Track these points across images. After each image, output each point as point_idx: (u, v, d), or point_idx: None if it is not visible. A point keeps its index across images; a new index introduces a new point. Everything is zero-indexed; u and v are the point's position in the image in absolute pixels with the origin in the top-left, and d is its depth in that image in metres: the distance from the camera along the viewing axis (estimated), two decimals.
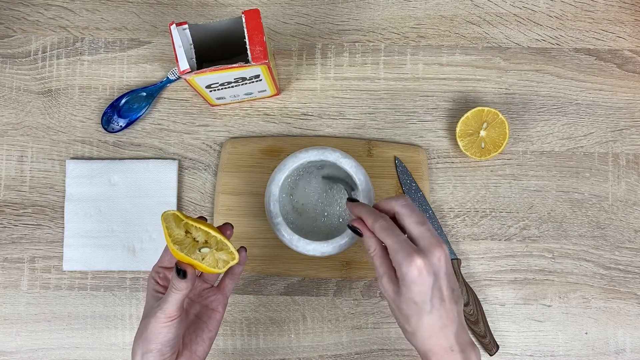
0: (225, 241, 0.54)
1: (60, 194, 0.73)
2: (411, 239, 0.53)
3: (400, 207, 0.54)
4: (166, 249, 0.57)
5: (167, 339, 0.52)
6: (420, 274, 0.50)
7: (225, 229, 0.58)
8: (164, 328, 0.52)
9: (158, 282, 0.56)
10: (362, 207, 0.56)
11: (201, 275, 0.59)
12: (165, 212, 0.53)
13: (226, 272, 0.60)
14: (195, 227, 0.54)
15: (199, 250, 0.53)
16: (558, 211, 0.72)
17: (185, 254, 0.52)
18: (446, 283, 0.52)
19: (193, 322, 0.58)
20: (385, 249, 0.54)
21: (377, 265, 0.54)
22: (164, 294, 0.55)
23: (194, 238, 0.54)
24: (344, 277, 0.71)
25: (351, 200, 0.59)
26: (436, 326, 0.52)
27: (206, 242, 0.54)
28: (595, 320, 0.71)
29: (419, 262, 0.50)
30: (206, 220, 0.57)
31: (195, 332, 0.57)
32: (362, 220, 0.55)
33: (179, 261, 0.52)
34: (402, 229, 0.54)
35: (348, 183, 0.64)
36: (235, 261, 0.54)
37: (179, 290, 0.51)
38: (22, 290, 0.72)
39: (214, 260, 0.54)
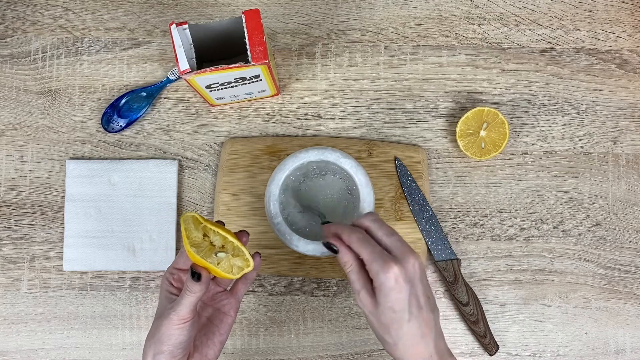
0: (242, 247, 0.54)
1: (60, 194, 0.73)
2: (385, 250, 0.53)
3: (369, 222, 0.55)
4: (182, 251, 0.57)
5: (179, 341, 0.53)
6: (397, 282, 0.51)
7: (241, 235, 0.58)
8: (176, 330, 0.52)
9: (172, 284, 0.56)
10: (337, 225, 0.56)
11: (215, 279, 0.60)
12: (185, 213, 0.53)
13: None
14: (214, 231, 0.54)
15: (215, 255, 0.53)
16: (558, 211, 0.72)
17: (201, 257, 0.52)
18: (422, 290, 0.53)
19: (205, 325, 0.58)
20: (361, 264, 0.54)
21: (353, 280, 0.54)
22: (177, 295, 0.55)
23: (211, 242, 0.54)
24: (344, 277, 0.71)
25: (325, 222, 0.59)
26: (416, 335, 0.52)
27: (223, 246, 0.54)
28: (595, 320, 0.71)
29: (395, 269, 0.51)
30: (224, 224, 0.57)
31: (206, 335, 0.57)
32: (337, 238, 0.55)
33: (194, 264, 0.52)
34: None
35: (321, 212, 0.65)
36: (250, 268, 0.54)
37: (192, 293, 0.52)
38: (22, 290, 0.72)
39: (229, 266, 0.54)
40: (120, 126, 0.73)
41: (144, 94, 0.73)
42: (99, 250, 0.71)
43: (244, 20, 0.59)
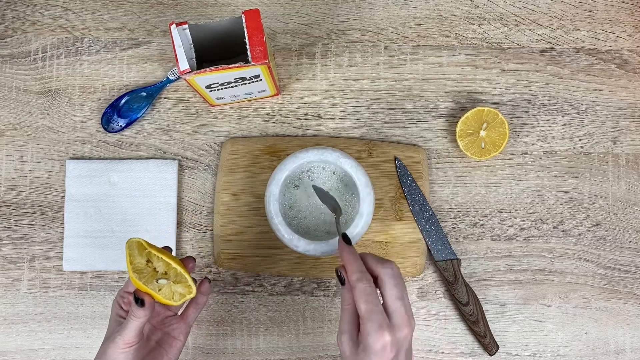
0: (185, 274, 0.55)
1: (60, 194, 0.73)
2: (385, 309, 0.51)
3: (385, 276, 0.52)
4: None
5: None
6: (383, 349, 0.50)
7: (187, 261, 0.59)
8: (121, 354, 0.53)
9: (122, 307, 0.57)
10: (351, 258, 0.54)
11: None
12: (130, 239, 0.54)
13: (190, 302, 0.61)
14: (157, 257, 0.55)
15: (157, 281, 0.54)
16: (558, 211, 0.72)
17: (142, 283, 0.53)
18: (403, 359, 0.51)
19: (153, 348, 0.58)
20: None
21: (343, 319, 0.53)
22: (125, 319, 0.56)
23: (155, 268, 0.55)
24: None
25: (345, 239, 0.56)
26: None
27: (166, 273, 0.55)
28: (595, 320, 0.71)
29: (387, 337, 0.50)
30: (171, 250, 0.58)
31: (154, 358, 0.58)
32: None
33: (137, 289, 0.54)
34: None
35: (334, 207, 0.61)
36: (192, 295, 0.55)
37: (137, 318, 0.53)
38: (22, 290, 0.72)
39: (171, 292, 0.55)
40: (120, 126, 0.73)
41: (144, 94, 0.73)
42: (99, 250, 0.71)
43: (244, 20, 0.59)
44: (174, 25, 0.59)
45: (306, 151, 0.64)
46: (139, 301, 0.52)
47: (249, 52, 0.59)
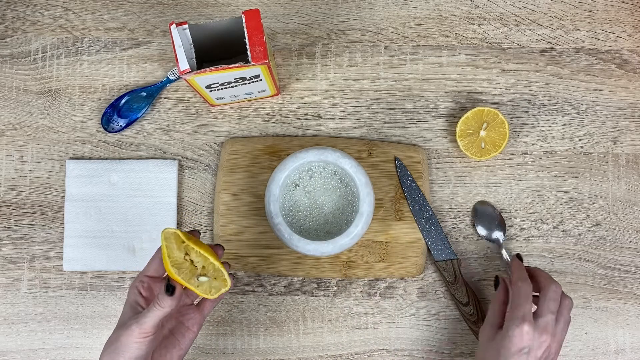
0: (222, 269, 0.53)
1: (60, 194, 0.73)
2: (536, 315, 0.58)
3: (551, 292, 0.59)
4: (153, 258, 0.56)
5: (137, 354, 0.51)
6: (520, 335, 0.55)
7: (217, 249, 0.58)
8: (136, 343, 0.51)
9: (140, 293, 0.55)
10: (520, 266, 0.62)
11: (185, 289, 0.58)
12: (165, 229, 0.52)
13: None
14: (196, 251, 0.53)
15: (197, 279, 0.53)
16: (558, 211, 0.72)
17: (182, 279, 0.51)
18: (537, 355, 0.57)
19: (166, 337, 0.57)
20: (507, 303, 0.60)
21: (493, 310, 0.61)
22: (142, 307, 0.54)
23: (192, 261, 0.53)
24: (344, 277, 0.71)
25: (519, 257, 0.64)
26: None
27: (204, 267, 0.53)
28: (595, 320, 0.71)
29: (526, 327, 0.55)
30: (200, 234, 0.57)
31: (166, 347, 0.56)
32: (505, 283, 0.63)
33: (169, 276, 0.51)
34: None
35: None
36: (227, 289, 0.54)
37: (162, 308, 0.51)
38: (22, 290, 0.72)
39: (209, 287, 0.53)
40: (120, 126, 0.73)
41: (144, 94, 0.73)
42: (99, 250, 0.71)
43: (244, 20, 0.59)
44: (174, 25, 0.59)
45: (306, 151, 0.64)
46: (171, 289, 0.50)
47: (249, 52, 0.59)
